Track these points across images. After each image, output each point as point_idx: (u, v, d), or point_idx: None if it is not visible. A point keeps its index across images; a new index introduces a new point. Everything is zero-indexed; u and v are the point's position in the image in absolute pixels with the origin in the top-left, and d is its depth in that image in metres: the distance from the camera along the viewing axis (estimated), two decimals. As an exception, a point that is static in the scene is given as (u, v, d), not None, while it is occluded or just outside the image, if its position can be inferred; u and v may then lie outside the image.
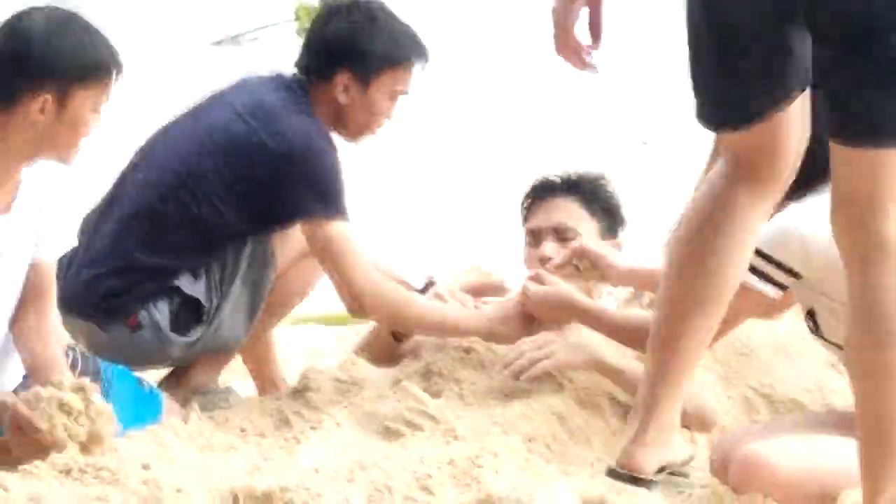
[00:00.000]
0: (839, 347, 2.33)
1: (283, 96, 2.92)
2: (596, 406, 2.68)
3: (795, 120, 2.11)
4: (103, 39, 2.54)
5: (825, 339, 2.45)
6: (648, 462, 2.29)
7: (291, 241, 2.94)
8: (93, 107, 2.49)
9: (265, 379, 3.09)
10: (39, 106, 2.43)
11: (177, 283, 2.85)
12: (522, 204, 3.08)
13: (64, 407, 2.30)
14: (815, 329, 2.46)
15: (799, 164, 2.17)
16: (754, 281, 2.32)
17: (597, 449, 2.59)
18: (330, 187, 2.86)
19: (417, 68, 2.96)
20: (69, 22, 2.53)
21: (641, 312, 2.81)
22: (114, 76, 2.51)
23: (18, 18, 2.52)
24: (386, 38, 2.91)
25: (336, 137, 2.96)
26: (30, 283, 2.54)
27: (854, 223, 1.99)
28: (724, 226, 2.16)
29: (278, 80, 2.98)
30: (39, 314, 2.56)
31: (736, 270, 2.20)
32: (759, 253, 2.30)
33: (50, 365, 2.46)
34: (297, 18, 13.59)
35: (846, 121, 2.00)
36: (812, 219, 2.30)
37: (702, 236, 2.18)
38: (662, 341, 2.25)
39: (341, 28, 2.93)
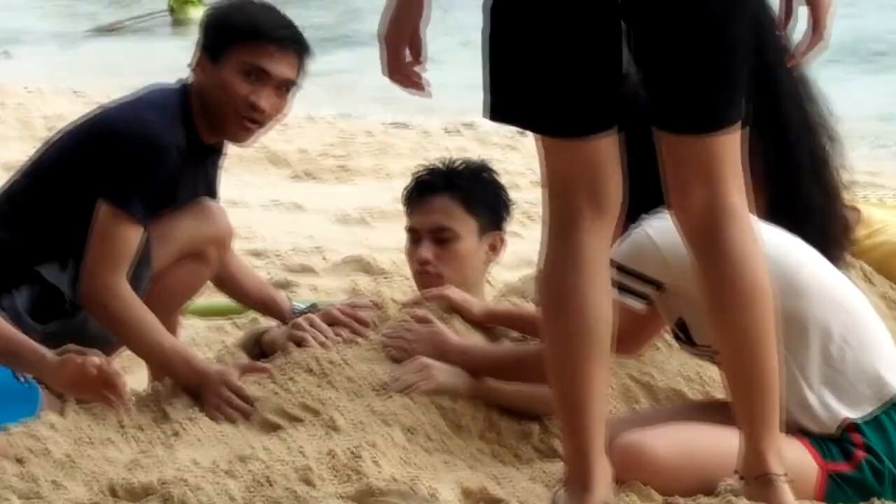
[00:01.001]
0: (710, 350, 2.41)
1: (159, 95, 2.94)
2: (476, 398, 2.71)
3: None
4: None
5: (696, 345, 2.51)
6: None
7: (171, 240, 2.92)
8: None
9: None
10: None
11: (40, 269, 2.83)
12: (402, 200, 3.07)
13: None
14: (686, 339, 2.52)
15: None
16: (614, 294, 2.32)
17: (476, 440, 2.62)
18: (130, 180, 2.82)
19: (290, 54, 2.93)
20: None
21: (506, 347, 2.87)
22: None
23: None
24: (241, 17, 2.91)
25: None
26: None
27: (701, 200, 2.12)
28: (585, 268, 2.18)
29: (176, 86, 3.00)
30: None
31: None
32: (617, 267, 2.33)
33: None
34: (172, 10, 13.54)
35: (681, 112, 2.13)
36: (662, 227, 2.35)
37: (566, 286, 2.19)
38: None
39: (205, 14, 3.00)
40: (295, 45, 2.94)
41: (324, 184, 6.57)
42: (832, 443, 2.46)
